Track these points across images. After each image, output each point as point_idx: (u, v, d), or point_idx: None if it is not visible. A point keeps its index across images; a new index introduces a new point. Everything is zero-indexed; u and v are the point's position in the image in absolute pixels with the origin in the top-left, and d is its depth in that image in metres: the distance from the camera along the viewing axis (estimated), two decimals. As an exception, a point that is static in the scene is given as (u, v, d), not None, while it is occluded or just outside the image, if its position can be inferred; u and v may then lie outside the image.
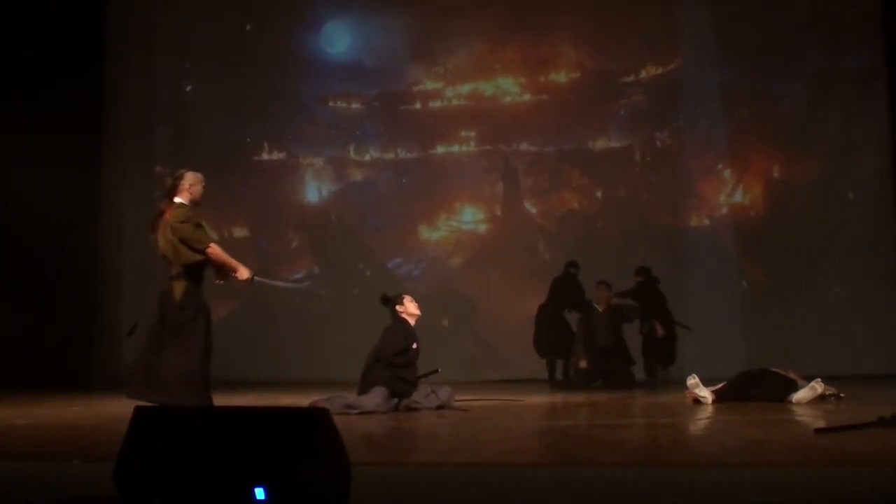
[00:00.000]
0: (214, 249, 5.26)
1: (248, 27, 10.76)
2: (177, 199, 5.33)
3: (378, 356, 5.99)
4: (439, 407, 5.91)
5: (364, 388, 5.91)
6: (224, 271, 5.38)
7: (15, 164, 9.19)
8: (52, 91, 9.39)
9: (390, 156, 10.63)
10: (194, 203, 5.37)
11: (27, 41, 9.41)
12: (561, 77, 10.42)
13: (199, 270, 5.29)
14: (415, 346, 6.06)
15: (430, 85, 10.60)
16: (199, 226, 5.27)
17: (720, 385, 6.24)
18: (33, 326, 8.98)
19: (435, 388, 6.04)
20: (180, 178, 5.36)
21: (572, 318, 8.93)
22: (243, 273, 5.32)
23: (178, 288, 5.19)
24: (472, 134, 10.49)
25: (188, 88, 10.80)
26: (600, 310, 8.72)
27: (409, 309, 6.17)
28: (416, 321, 6.19)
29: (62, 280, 9.32)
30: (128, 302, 10.22)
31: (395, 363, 5.89)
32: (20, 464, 3.68)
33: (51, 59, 9.45)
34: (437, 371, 6.34)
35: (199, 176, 5.39)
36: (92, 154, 10.06)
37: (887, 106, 9.28)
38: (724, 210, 10.05)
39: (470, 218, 10.50)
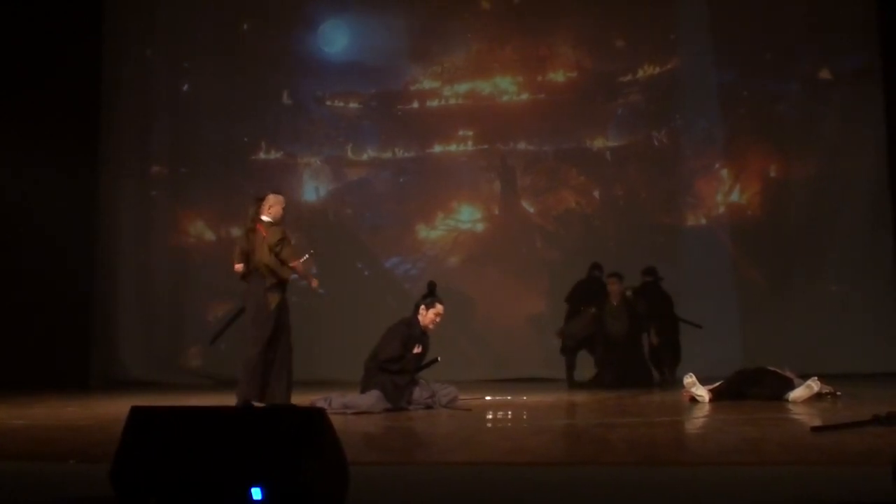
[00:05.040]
0: (297, 265, 6.02)
1: (245, 26, 10.74)
2: (263, 218, 6.04)
3: (373, 358, 5.98)
4: (428, 407, 5.89)
5: (363, 390, 5.92)
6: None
7: (10, 163, 9.18)
8: (49, 89, 9.37)
9: (388, 155, 10.62)
10: (277, 222, 6.08)
11: (22, 40, 9.39)
12: (559, 76, 10.42)
13: (284, 280, 6.02)
14: (418, 349, 6.00)
15: (427, 84, 10.59)
16: (289, 245, 6.00)
17: (717, 384, 6.25)
18: (30, 326, 8.96)
19: (438, 389, 6.00)
20: (263, 199, 6.12)
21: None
22: (315, 283, 6.35)
23: (273, 299, 5.91)
24: (470, 133, 10.49)
25: (185, 87, 10.78)
26: (614, 303, 8.57)
27: (426, 319, 6.10)
28: (431, 330, 6.14)
29: (59, 280, 9.30)
30: (125, 301, 10.22)
31: (387, 369, 5.86)
32: (16, 464, 3.68)
33: (47, 57, 9.44)
34: (437, 360, 6.21)
35: (279, 198, 6.19)
36: (88, 152, 10.03)
37: (883, 106, 9.27)
38: (722, 209, 10.06)
39: (468, 217, 10.50)
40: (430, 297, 6.20)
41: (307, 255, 6.48)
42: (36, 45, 9.42)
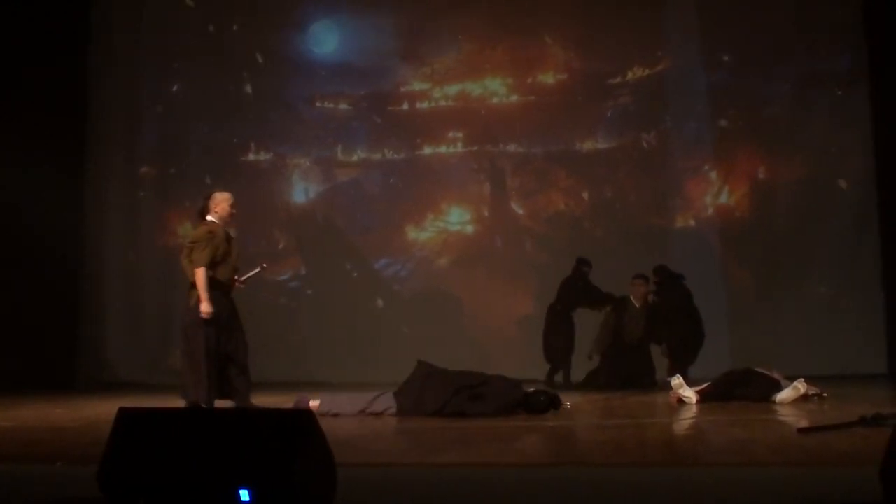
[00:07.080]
0: (198, 274, 5.68)
1: (234, 27, 10.71)
2: (208, 218, 5.81)
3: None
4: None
5: (418, 384, 5.75)
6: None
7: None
8: (36, 89, 9.32)
9: (378, 156, 10.61)
10: (223, 220, 5.84)
11: (10, 39, 9.34)
12: (548, 78, 10.44)
13: (217, 281, 5.75)
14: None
15: (417, 85, 10.59)
16: (205, 248, 5.68)
17: (705, 385, 6.28)
18: (16, 327, 8.90)
19: None
20: (209, 198, 5.87)
21: (581, 319, 8.69)
22: (204, 308, 5.69)
23: (193, 296, 5.74)
24: (460, 135, 10.49)
25: (174, 88, 10.73)
26: (637, 305, 8.38)
27: None
28: None
29: (46, 280, 9.24)
30: (112, 303, 10.17)
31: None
32: (3, 466, 3.66)
33: (35, 57, 9.38)
34: (261, 268, 6.32)
35: (226, 195, 5.88)
36: (76, 154, 9.98)
37: (870, 108, 9.33)
38: (710, 211, 10.10)
39: (457, 218, 10.50)
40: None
41: (258, 269, 6.29)
42: (24, 45, 9.36)
